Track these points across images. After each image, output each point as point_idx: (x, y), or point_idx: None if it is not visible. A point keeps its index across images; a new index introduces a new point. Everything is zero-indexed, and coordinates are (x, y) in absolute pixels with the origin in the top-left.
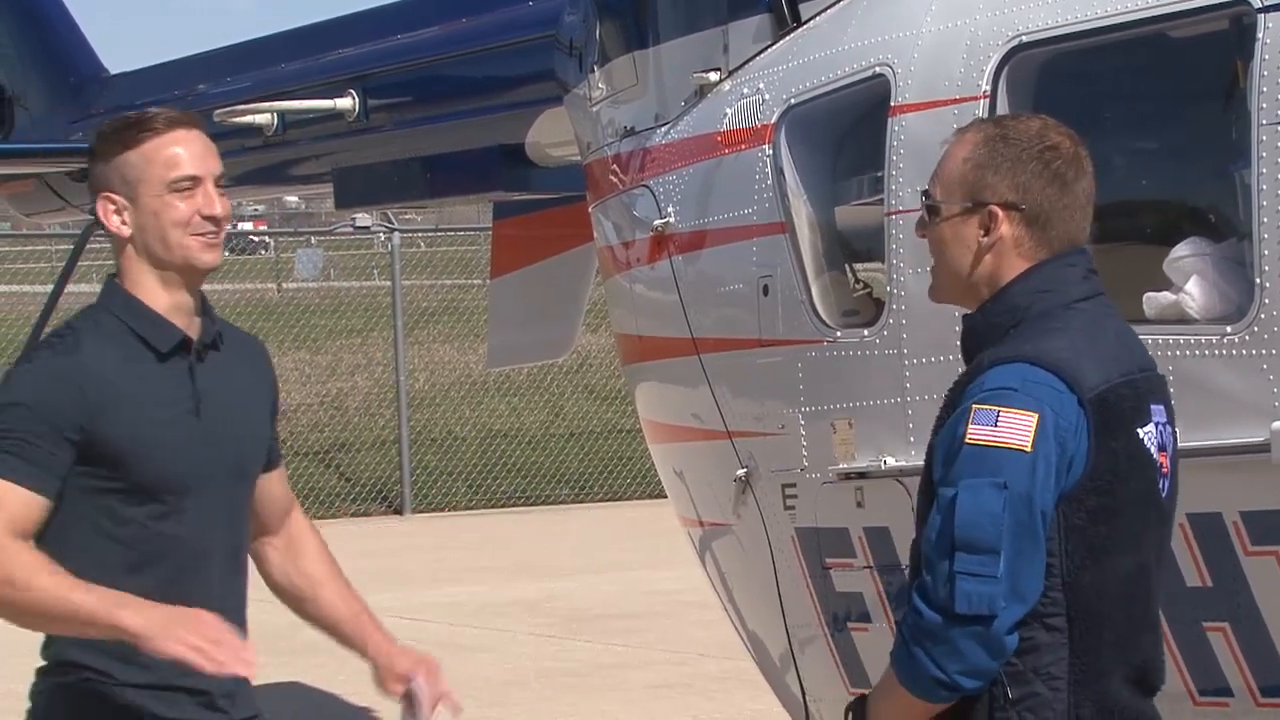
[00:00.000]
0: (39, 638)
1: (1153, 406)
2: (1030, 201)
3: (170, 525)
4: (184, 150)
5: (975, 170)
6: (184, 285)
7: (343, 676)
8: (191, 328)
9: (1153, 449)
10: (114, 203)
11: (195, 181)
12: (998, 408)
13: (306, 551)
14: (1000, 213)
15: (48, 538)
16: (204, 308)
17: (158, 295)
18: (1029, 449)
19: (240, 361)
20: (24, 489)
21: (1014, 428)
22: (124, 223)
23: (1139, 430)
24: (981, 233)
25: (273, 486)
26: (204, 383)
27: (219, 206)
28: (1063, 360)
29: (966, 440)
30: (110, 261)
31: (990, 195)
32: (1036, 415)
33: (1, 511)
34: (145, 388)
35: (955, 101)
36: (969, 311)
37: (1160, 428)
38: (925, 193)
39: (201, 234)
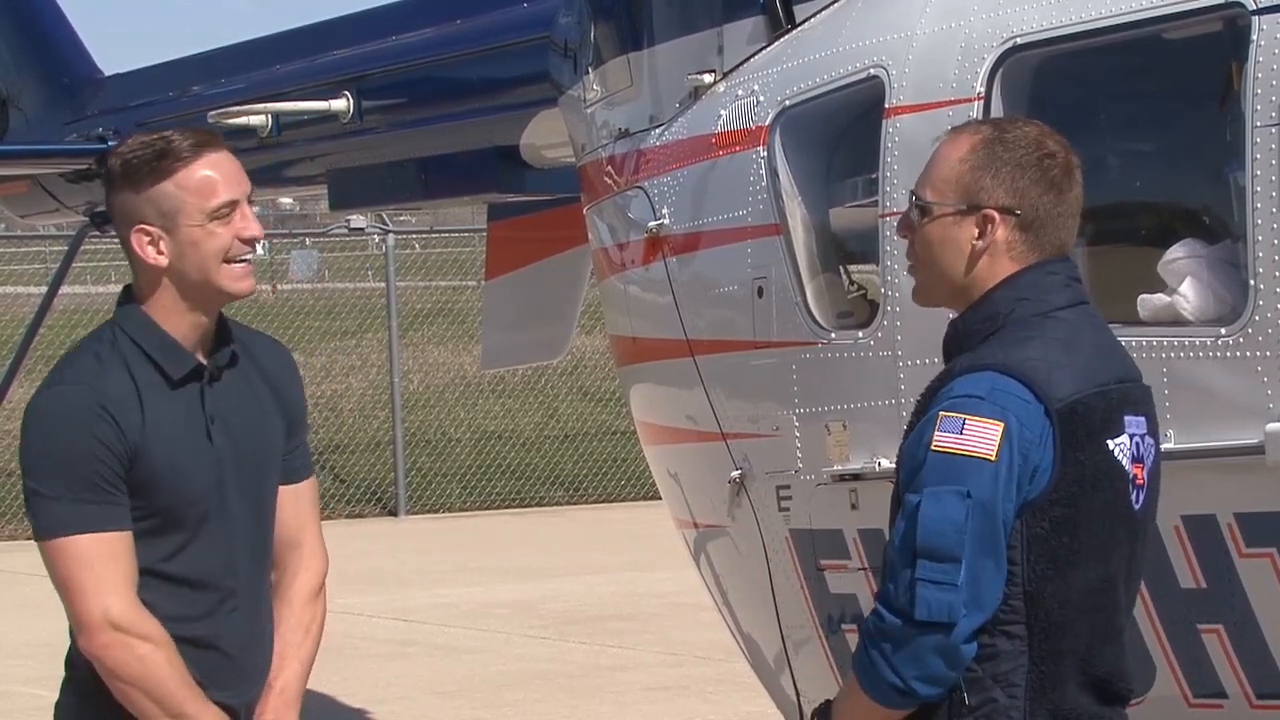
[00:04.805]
0: (25, 640)
1: (1129, 418)
2: (1026, 207)
3: (193, 552)
4: (218, 174)
5: (972, 172)
6: (209, 311)
7: (336, 679)
8: (205, 349)
9: (1125, 461)
10: (149, 234)
11: (233, 206)
12: (964, 415)
13: (281, 622)
14: (997, 216)
15: None
16: (220, 323)
17: (179, 320)
18: (993, 458)
19: (256, 376)
20: (122, 533)
21: (979, 436)
22: (160, 253)
23: (1109, 442)
24: (975, 234)
25: (282, 505)
26: (215, 406)
27: (255, 227)
28: (1033, 370)
29: (932, 447)
30: (103, 263)
31: (987, 199)
32: (1002, 424)
33: (117, 571)
34: (163, 412)
35: (950, 103)
36: (957, 314)
37: (1136, 440)
38: (913, 193)
39: (240, 260)
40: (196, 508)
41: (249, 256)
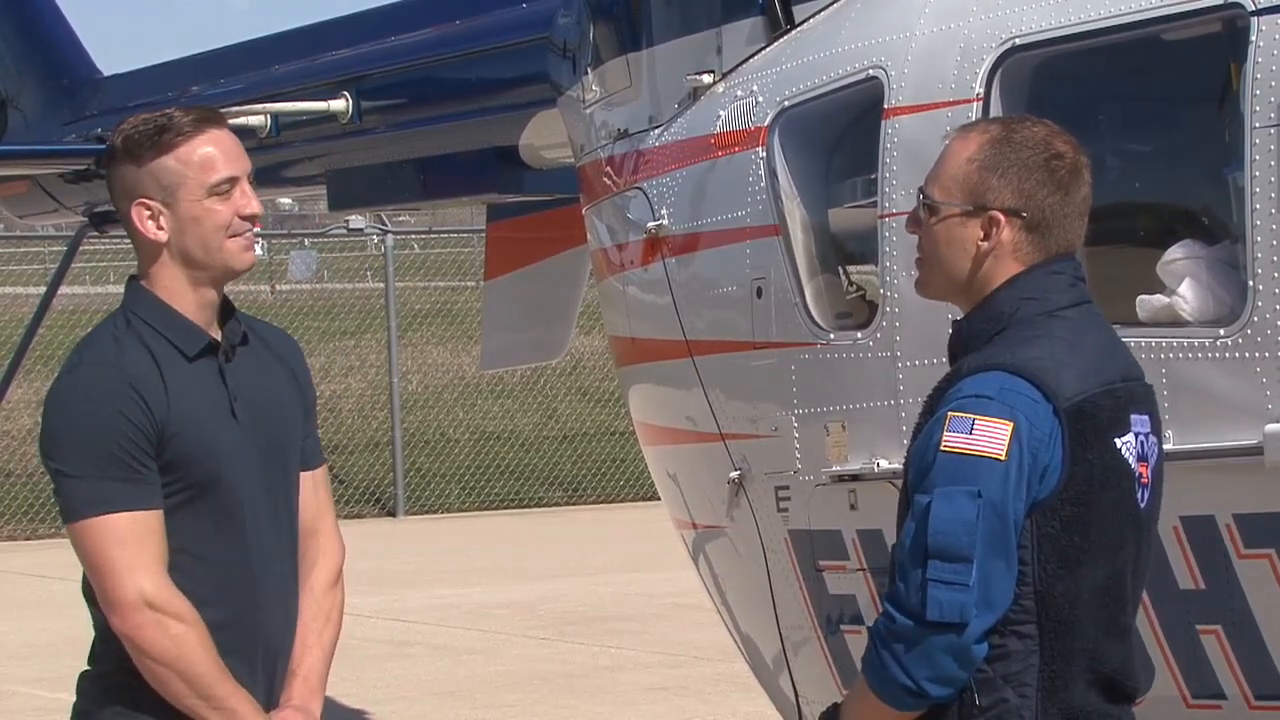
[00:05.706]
0: (25, 640)
1: (1134, 416)
2: (1032, 209)
3: (219, 534)
4: (218, 150)
5: (979, 172)
6: (214, 286)
7: (336, 679)
8: (215, 328)
9: (1131, 459)
10: (149, 208)
11: (233, 182)
12: (973, 415)
13: (303, 610)
14: (1003, 218)
15: None
16: (228, 306)
17: (186, 298)
18: (1003, 457)
19: (270, 357)
20: (153, 511)
21: (989, 436)
22: (160, 228)
23: (1117, 440)
24: (981, 235)
25: (302, 492)
26: (235, 383)
27: (256, 204)
28: (1040, 369)
29: (942, 447)
30: (102, 263)
31: (993, 199)
32: (1011, 424)
33: (149, 550)
34: (187, 389)
35: (949, 104)
36: (961, 314)
37: (1141, 438)
38: (922, 190)
39: (240, 235)
40: (223, 486)
41: (249, 230)
